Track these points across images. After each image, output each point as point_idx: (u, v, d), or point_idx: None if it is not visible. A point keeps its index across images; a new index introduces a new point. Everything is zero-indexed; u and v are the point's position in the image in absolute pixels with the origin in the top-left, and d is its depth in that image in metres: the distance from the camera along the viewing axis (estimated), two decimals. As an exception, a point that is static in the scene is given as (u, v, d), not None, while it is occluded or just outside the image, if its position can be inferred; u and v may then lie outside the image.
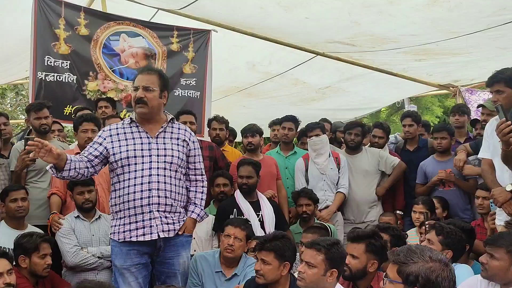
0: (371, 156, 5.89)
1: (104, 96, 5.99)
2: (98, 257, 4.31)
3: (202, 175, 3.88)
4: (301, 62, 7.60)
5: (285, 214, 5.51)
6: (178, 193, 3.68)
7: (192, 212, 3.77)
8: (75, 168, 3.45)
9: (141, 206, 3.53)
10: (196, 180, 3.84)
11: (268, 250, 3.45)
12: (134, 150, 3.59)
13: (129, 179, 3.56)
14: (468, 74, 7.78)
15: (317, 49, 7.10)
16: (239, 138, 6.94)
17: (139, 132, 3.66)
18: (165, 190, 3.58)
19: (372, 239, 3.49)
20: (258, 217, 4.93)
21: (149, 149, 3.61)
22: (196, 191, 3.82)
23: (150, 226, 3.54)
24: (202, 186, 3.87)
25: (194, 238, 4.90)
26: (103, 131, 3.72)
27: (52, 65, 5.80)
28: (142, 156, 3.58)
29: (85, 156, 3.57)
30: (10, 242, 4.12)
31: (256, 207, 4.99)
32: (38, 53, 5.71)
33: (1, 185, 4.68)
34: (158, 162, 3.59)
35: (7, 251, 3.91)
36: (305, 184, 5.63)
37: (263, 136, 6.68)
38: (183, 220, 3.71)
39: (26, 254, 3.93)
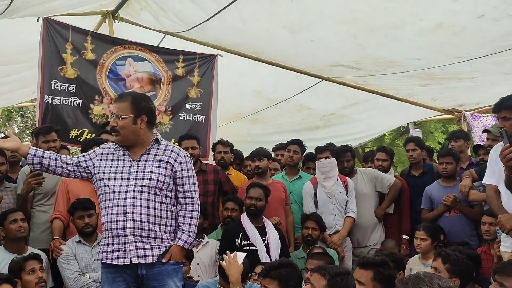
0: (366, 178, 5.90)
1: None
2: (99, 282, 4.21)
3: (192, 197, 3.65)
4: (306, 88, 7.63)
5: (290, 240, 5.48)
6: (161, 217, 3.53)
7: (179, 239, 3.57)
8: (41, 162, 3.56)
9: (117, 229, 3.46)
10: (186, 204, 3.64)
11: (272, 278, 3.41)
12: (115, 172, 3.56)
13: (107, 200, 3.53)
14: (473, 98, 7.77)
15: (322, 73, 7.13)
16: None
17: (124, 155, 3.63)
18: (141, 214, 3.46)
19: (381, 267, 3.44)
20: (264, 242, 4.90)
21: (129, 172, 3.55)
22: (184, 216, 3.62)
23: (124, 251, 3.45)
24: (192, 210, 3.64)
25: (198, 264, 4.89)
26: (98, 148, 3.76)
27: (59, 89, 5.82)
28: (121, 179, 3.53)
29: (74, 161, 3.65)
30: (10, 268, 4.13)
31: (262, 232, 4.96)
32: (46, 76, 5.75)
33: (6, 208, 4.68)
34: (135, 185, 3.50)
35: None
36: (314, 208, 5.61)
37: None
38: (164, 247, 3.54)
39: (17, 277, 3.94)
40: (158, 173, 3.56)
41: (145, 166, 3.57)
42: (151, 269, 3.49)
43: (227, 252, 3.96)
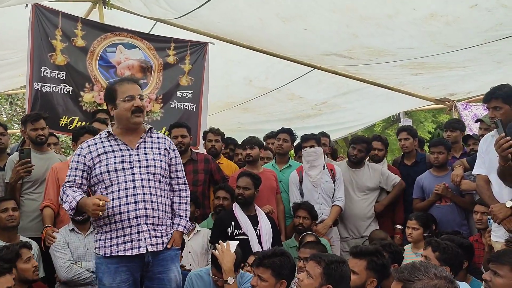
0: (373, 173, 5.89)
1: (101, 108, 5.95)
2: (92, 272, 4.20)
3: (184, 184, 3.75)
4: (298, 76, 7.61)
5: (281, 229, 5.47)
6: (164, 204, 3.58)
7: (178, 224, 3.64)
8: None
9: (129, 219, 3.43)
10: (180, 190, 3.72)
11: (265, 267, 3.41)
12: (115, 163, 3.51)
13: (112, 192, 3.46)
14: (464, 87, 7.80)
15: (314, 62, 7.11)
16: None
17: (118, 145, 3.59)
18: (152, 201, 3.48)
19: (375, 256, 3.45)
20: (255, 231, 4.88)
21: (130, 161, 3.53)
22: (180, 202, 3.70)
23: (138, 240, 3.44)
24: (186, 196, 3.74)
25: (189, 252, 4.87)
26: (81, 148, 3.62)
27: (48, 76, 5.75)
28: (124, 169, 3.50)
29: (78, 183, 3.54)
30: (1, 257, 4.06)
31: (254, 221, 4.93)
32: (35, 63, 5.67)
33: None
34: (140, 173, 3.50)
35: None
36: (299, 197, 5.58)
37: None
38: (171, 233, 3.59)
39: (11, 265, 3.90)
40: (160, 160, 3.62)
41: (146, 154, 3.59)
42: (156, 256, 3.52)
43: (220, 241, 3.95)
